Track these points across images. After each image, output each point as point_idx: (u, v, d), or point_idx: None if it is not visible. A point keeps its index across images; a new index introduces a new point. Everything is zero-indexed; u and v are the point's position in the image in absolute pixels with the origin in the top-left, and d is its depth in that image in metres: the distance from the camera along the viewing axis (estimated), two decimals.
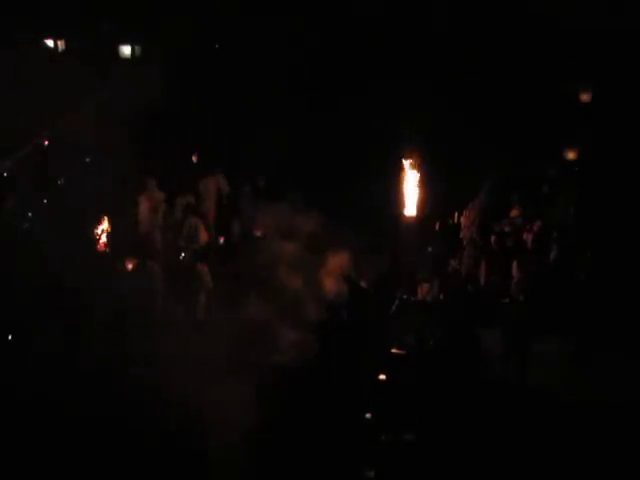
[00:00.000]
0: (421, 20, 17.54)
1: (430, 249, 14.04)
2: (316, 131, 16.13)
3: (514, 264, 12.92)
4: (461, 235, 14.27)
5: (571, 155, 15.22)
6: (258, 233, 13.89)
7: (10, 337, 11.02)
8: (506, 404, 10.65)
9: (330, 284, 13.11)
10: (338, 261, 13.56)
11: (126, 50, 20.19)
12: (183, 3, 18.95)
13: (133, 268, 12.74)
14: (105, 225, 13.40)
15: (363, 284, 12.91)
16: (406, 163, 13.13)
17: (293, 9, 18.09)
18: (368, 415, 10.83)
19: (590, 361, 11.18)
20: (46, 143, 15.48)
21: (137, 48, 20.03)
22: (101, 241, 13.25)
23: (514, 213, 14.14)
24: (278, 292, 12.53)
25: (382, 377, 11.36)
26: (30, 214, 13.57)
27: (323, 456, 10.10)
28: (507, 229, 13.93)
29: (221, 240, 13.76)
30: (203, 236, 14.00)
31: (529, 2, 17.05)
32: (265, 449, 10.03)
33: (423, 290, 13.18)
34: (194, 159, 16.34)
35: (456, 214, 14.56)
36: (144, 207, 14.32)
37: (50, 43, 18.85)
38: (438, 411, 10.57)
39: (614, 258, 12.55)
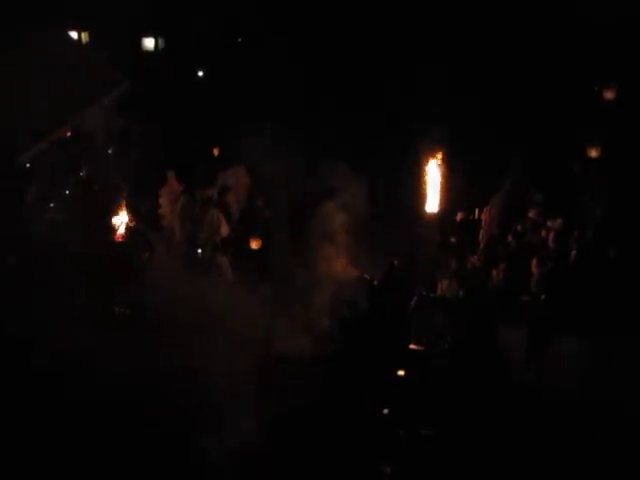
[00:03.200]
0: (450, 17, 17.50)
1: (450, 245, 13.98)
2: (335, 126, 16.12)
3: (533, 262, 12.84)
4: (481, 232, 14.19)
5: (594, 153, 15.08)
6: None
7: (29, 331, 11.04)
8: (525, 402, 10.62)
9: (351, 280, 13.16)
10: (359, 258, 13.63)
11: (149, 43, 20.30)
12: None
13: (150, 258, 12.80)
14: (125, 216, 13.45)
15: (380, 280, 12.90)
16: (429, 159, 13.15)
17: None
18: (386, 410, 10.83)
19: (610, 360, 11.11)
20: (68, 135, 15.55)
21: (160, 41, 20.12)
22: (119, 232, 13.31)
23: (532, 214, 14.03)
24: (299, 288, 12.57)
25: (400, 373, 11.35)
26: (52, 205, 13.64)
27: (341, 450, 10.11)
28: (527, 226, 13.83)
29: (254, 244, 13.64)
30: (224, 229, 14.00)
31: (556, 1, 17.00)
32: (284, 442, 10.06)
33: (442, 286, 13.13)
34: (215, 151, 16.32)
35: (477, 211, 14.48)
36: (164, 200, 14.35)
37: (74, 35, 18.94)
38: (456, 407, 10.54)
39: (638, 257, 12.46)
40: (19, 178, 13.89)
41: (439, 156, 13.42)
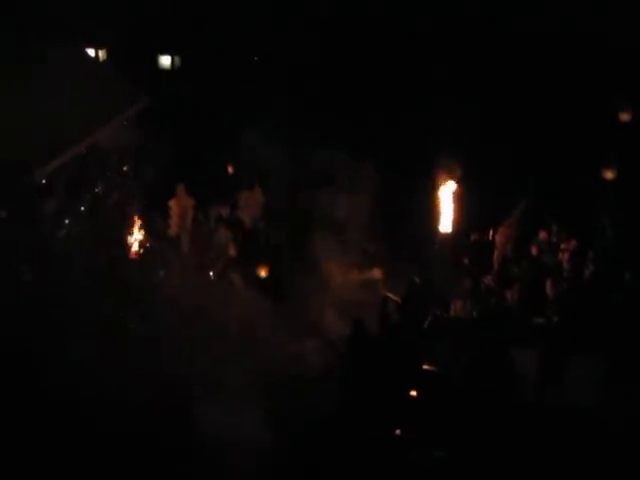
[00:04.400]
0: (462, 38, 17.57)
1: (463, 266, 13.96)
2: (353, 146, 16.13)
3: (548, 283, 12.80)
4: (495, 253, 14.17)
5: (610, 174, 15.08)
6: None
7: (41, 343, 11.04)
8: (540, 424, 10.54)
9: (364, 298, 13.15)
10: (374, 275, 13.64)
11: (165, 60, 20.45)
12: (222, 15, 19.15)
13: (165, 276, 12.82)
14: (140, 233, 13.47)
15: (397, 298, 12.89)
16: (443, 180, 13.17)
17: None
18: (398, 431, 10.77)
19: (626, 382, 11.04)
20: (84, 151, 15.61)
21: (176, 58, 20.26)
22: (133, 249, 13.33)
23: (547, 235, 14.01)
24: (312, 307, 12.57)
25: (413, 393, 11.29)
26: (67, 221, 13.67)
27: (353, 472, 10.05)
28: (542, 247, 13.80)
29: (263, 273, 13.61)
30: (232, 251, 14.00)
31: (571, 23, 17.04)
32: (295, 464, 10.01)
33: (456, 307, 13.09)
34: (230, 170, 16.35)
35: (491, 231, 14.46)
36: (174, 212, 14.40)
37: (91, 52, 19.07)
38: (469, 429, 10.48)
39: None
40: (35, 194, 13.94)
41: (454, 176, 13.43)
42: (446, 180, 13.27)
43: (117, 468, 9.62)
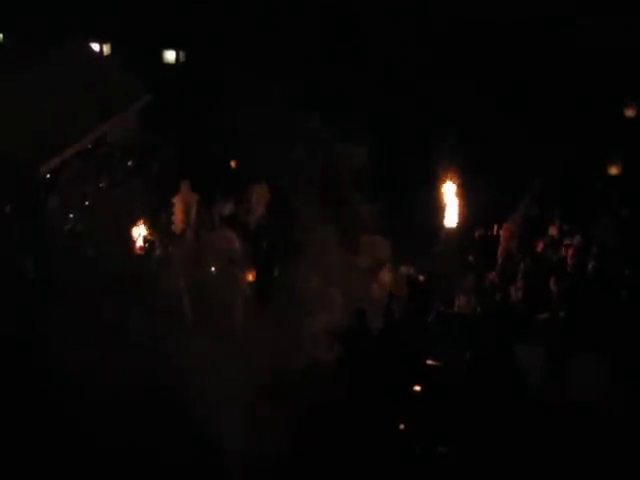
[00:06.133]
0: (468, 33, 17.59)
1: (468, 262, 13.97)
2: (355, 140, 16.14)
3: (551, 279, 12.79)
4: (500, 248, 14.17)
5: (614, 170, 15.08)
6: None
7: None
8: (543, 420, 10.55)
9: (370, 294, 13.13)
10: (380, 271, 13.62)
11: (170, 55, 20.47)
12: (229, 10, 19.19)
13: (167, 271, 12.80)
14: (143, 228, 13.49)
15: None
16: (449, 175, 13.18)
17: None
18: (402, 426, 10.78)
19: (629, 378, 11.04)
20: (89, 146, 15.66)
21: (181, 53, 20.29)
22: (138, 244, 13.34)
23: (552, 231, 14.01)
24: (316, 300, 12.54)
25: (417, 388, 11.30)
26: (72, 215, 13.71)
27: (355, 467, 10.06)
28: (547, 242, 13.81)
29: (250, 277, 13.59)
30: (237, 247, 13.98)
31: (578, 20, 17.08)
32: (297, 459, 10.01)
33: (460, 303, 13.09)
34: (232, 165, 16.35)
35: (496, 227, 14.46)
36: (178, 208, 14.41)
37: (96, 47, 19.10)
38: (473, 424, 10.49)
39: None
40: (39, 189, 13.98)
41: (458, 172, 13.44)
42: (451, 176, 13.27)
43: (116, 469, 9.60)
